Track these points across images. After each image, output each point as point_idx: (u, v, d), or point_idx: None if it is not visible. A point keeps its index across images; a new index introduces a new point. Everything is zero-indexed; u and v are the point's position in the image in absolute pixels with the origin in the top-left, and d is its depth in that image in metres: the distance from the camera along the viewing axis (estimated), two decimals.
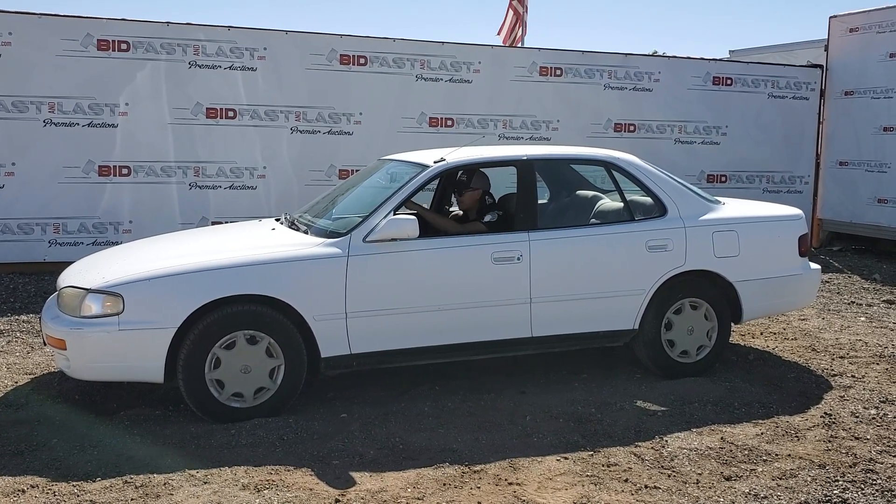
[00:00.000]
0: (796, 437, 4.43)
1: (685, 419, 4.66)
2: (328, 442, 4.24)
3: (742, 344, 6.35)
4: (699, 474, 3.95)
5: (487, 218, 5.43)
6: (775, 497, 3.71)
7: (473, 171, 5.58)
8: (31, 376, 5.28)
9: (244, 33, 8.89)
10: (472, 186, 5.60)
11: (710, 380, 5.30)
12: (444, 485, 3.79)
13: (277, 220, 5.60)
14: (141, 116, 8.58)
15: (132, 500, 3.59)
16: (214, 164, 8.88)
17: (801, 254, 5.71)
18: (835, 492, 3.77)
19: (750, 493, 3.74)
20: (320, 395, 5.00)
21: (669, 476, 3.92)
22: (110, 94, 8.45)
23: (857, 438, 4.41)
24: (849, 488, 3.81)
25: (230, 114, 8.88)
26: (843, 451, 4.23)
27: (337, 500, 3.61)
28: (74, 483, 3.75)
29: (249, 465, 3.94)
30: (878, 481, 3.89)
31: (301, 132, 9.17)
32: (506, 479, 3.85)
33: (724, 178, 11.03)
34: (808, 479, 3.90)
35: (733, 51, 14.97)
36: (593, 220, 5.47)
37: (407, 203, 5.03)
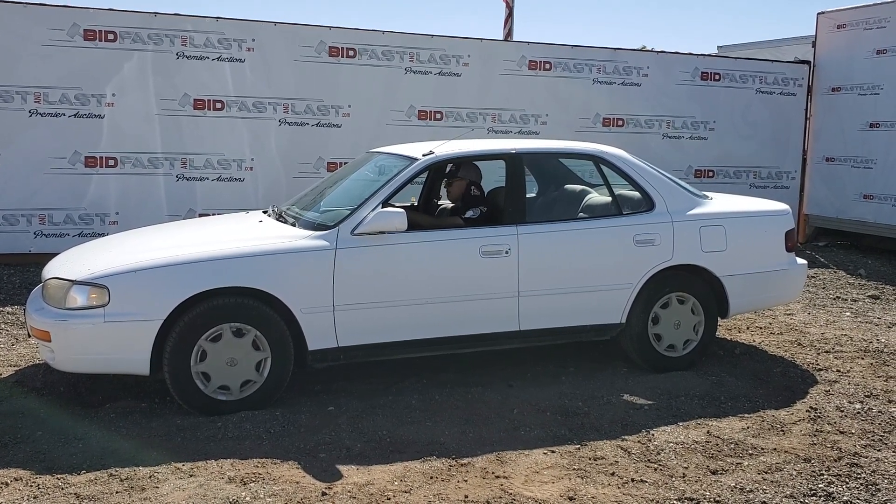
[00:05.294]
0: (782, 431, 4.46)
1: (672, 413, 4.68)
2: (315, 435, 4.23)
3: (728, 338, 6.38)
4: (685, 468, 3.96)
5: (469, 214, 5.40)
6: (761, 491, 3.73)
7: (462, 163, 5.57)
8: (16, 368, 5.24)
9: (232, 24, 8.83)
10: (458, 176, 5.60)
11: (696, 374, 5.32)
12: (431, 478, 3.79)
13: (265, 212, 5.57)
14: (128, 107, 8.52)
15: (117, 492, 3.57)
16: (202, 156, 8.84)
17: (788, 249, 5.74)
18: (820, 485, 3.79)
19: (736, 487, 3.76)
20: (307, 388, 4.99)
21: (656, 470, 3.94)
22: (97, 85, 8.40)
23: (842, 433, 4.44)
24: (833, 482, 3.83)
25: (218, 105, 8.83)
26: (829, 446, 4.26)
27: (324, 494, 3.60)
28: (59, 476, 3.72)
29: (236, 458, 3.93)
30: (863, 475, 3.91)
31: (289, 124, 9.13)
32: (493, 473, 3.85)
33: (711, 174, 11.06)
34: (794, 472, 3.92)
35: (721, 46, 14.92)
36: (581, 214, 5.48)
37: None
